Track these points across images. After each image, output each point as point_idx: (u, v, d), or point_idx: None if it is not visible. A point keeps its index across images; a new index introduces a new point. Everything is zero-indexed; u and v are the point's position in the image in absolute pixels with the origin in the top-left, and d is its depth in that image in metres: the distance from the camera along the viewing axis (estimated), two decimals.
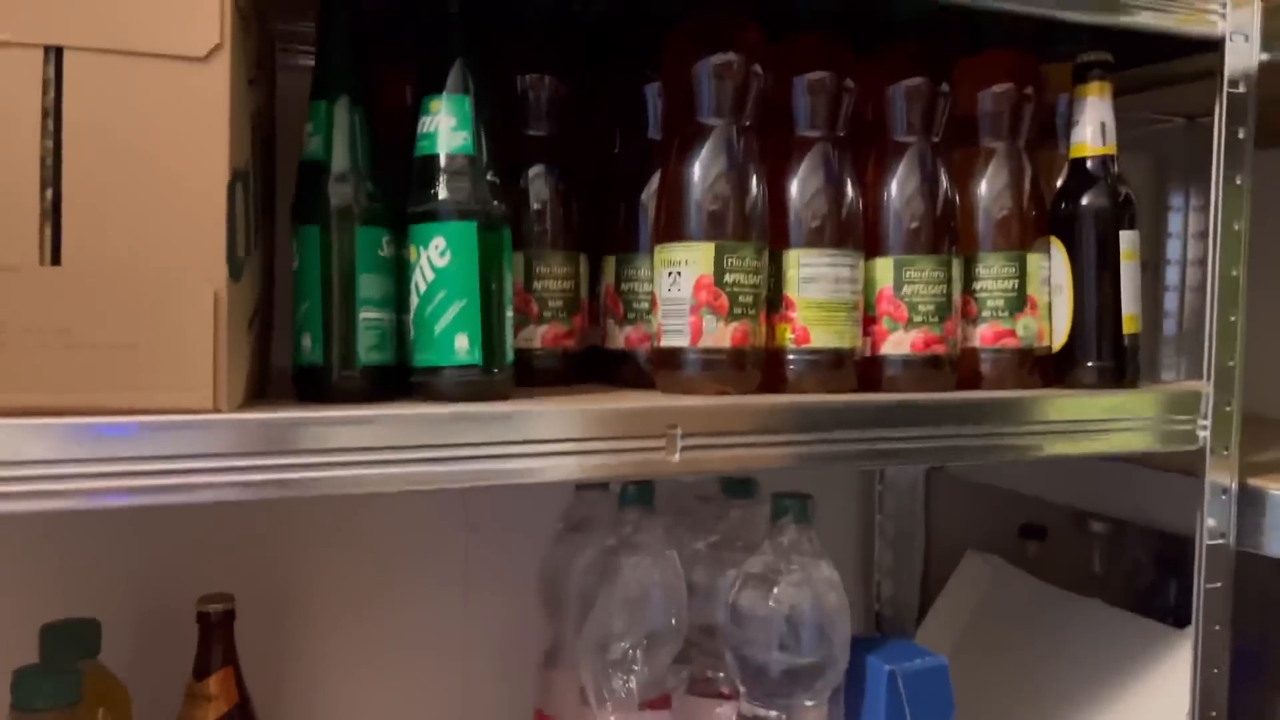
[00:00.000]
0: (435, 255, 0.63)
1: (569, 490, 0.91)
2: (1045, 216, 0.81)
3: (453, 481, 0.58)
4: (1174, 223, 1.32)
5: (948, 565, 1.16)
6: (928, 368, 0.77)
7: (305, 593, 0.96)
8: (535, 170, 0.77)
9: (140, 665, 0.82)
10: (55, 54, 0.51)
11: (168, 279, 0.52)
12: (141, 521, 0.89)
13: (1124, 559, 1.14)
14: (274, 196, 0.75)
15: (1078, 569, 1.14)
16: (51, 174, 0.51)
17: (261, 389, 0.71)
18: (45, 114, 0.51)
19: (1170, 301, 1.34)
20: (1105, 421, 0.77)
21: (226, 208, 0.54)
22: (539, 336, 0.76)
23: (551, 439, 0.60)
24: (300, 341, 0.65)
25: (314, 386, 0.65)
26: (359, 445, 0.56)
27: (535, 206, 0.76)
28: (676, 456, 0.64)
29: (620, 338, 0.79)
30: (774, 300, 0.75)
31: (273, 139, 0.75)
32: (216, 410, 0.53)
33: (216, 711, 0.79)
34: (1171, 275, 1.33)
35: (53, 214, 0.51)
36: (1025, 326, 0.79)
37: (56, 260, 0.51)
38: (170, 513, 0.90)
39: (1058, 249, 0.80)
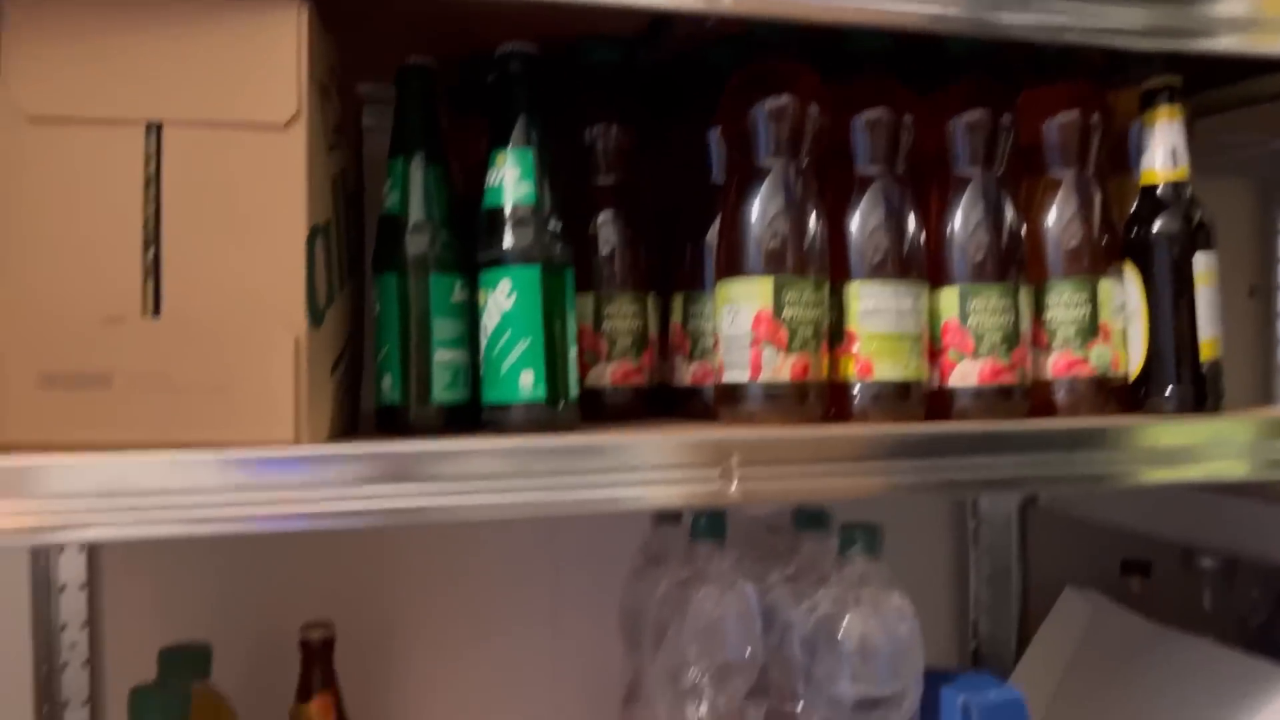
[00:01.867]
0: (502, 298, 0.67)
1: (645, 526, 0.93)
2: (1117, 243, 0.80)
3: (505, 514, 0.61)
4: None
5: (1046, 602, 1.13)
6: (998, 398, 0.76)
7: (402, 625, 1.01)
8: (604, 214, 0.80)
9: (248, 688, 0.88)
10: (156, 129, 0.57)
11: (254, 326, 0.58)
12: (251, 553, 0.96)
13: (1236, 596, 1.09)
14: (363, 252, 0.81)
15: (1185, 606, 1.09)
16: (152, 235, 0.57)
17: (351, 429, 0.76)
18: (147, 182, 0.57)
19: None
20: (1194, 448, 0.75)
21: (306, 260, 0.59)
22: (608, 374, 0.79)
23: (603, 469, 0.62)
24: (381, 383, 0.70)
25: (393, 424, 0.69)
26: (437, 475, 0.60)
27: (603, 249, 0.80)
28: (734, 486, 0.65)
29: (687, 374, 0.81)
30: (836, 334, 0.76)
31: (360, 196, 0.81)
32: (298, 443, 0.58)
33: None
34: None
35: (154, 270, 0.57)
36: (1099, 355, 0.78)
37: (157, 311, 0.57)
38: (276, 546, 0.96)
39: (1131, 275, 0.79)
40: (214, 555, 0.95)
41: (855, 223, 0.76)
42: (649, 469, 0.64)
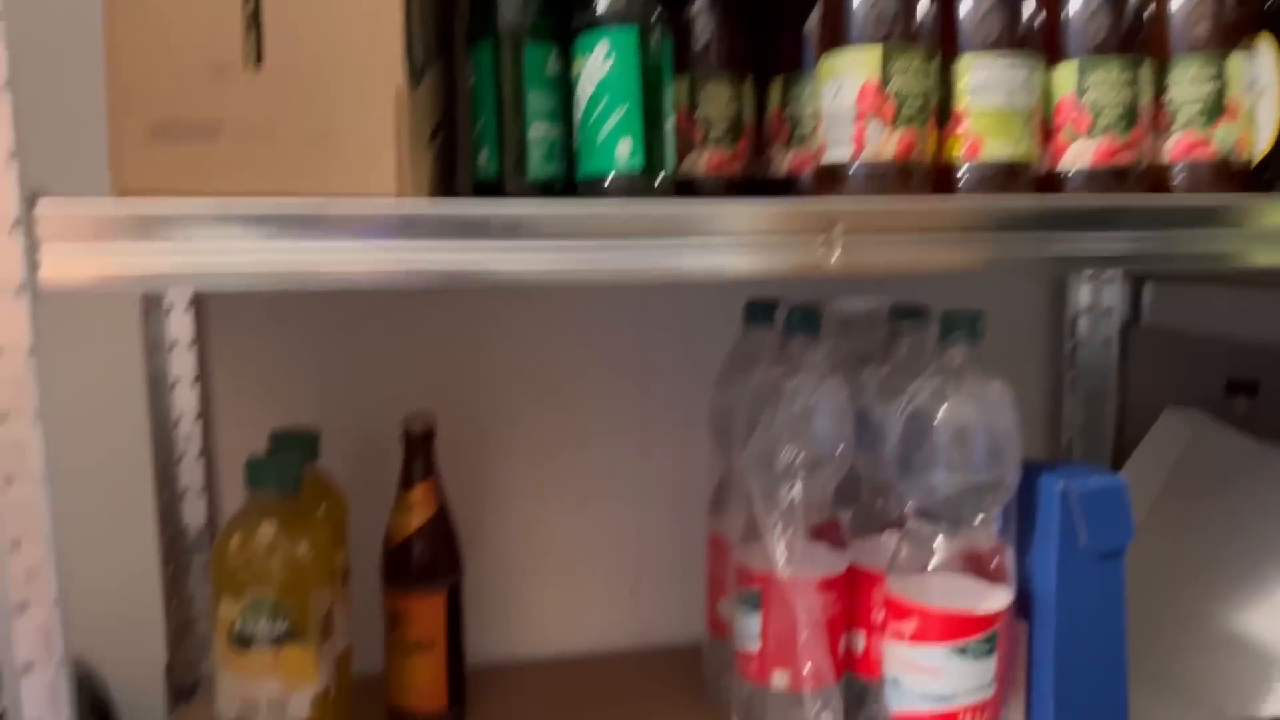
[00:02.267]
0: (598, 63, 0.65)
1: (736, 331, 0.93)
2: (1251, 16, 0.74)
3: (601, 279, 0.60)
4: None
5: (1144, 425, 1.11)
6: (1112, 180, 0.73)
7: (497, 429, 1.04)
8: None
9: (353, 477, 0.92)
10: None
11: (354, 77, 0.57)
12: (354, 348, 0.99)
13: None
14: (454, 33, 0.80)
15: None
16: None
17: None
18: None
19: None
20: None
21: (403, 14, 0.58)
22: (703, 162, 0.78)
23: (703, 233, 0.61)
24: (477, 157, 0.69)
25: (490, 196, 0.69)
26: (536, 235, 0.59)
27: (699, 31, 0.77)
28: (836, 255, 0.64)
29: (784, 163, 0.79)
30: (944, 115, 0.73)
31: None
32: (400, 195, 0.58)
33: (420, 518, 0.87)
34: None
35: (255, 20, 0.57)
36: (1223, 135, 0.74)
37: (259, 61, 0.57)
38: (378, 342, 0.99)
39: (1266, 49, 0.73)
40: (319, 350, 0.98)
41: None
42: (750, 235, 0.62)
